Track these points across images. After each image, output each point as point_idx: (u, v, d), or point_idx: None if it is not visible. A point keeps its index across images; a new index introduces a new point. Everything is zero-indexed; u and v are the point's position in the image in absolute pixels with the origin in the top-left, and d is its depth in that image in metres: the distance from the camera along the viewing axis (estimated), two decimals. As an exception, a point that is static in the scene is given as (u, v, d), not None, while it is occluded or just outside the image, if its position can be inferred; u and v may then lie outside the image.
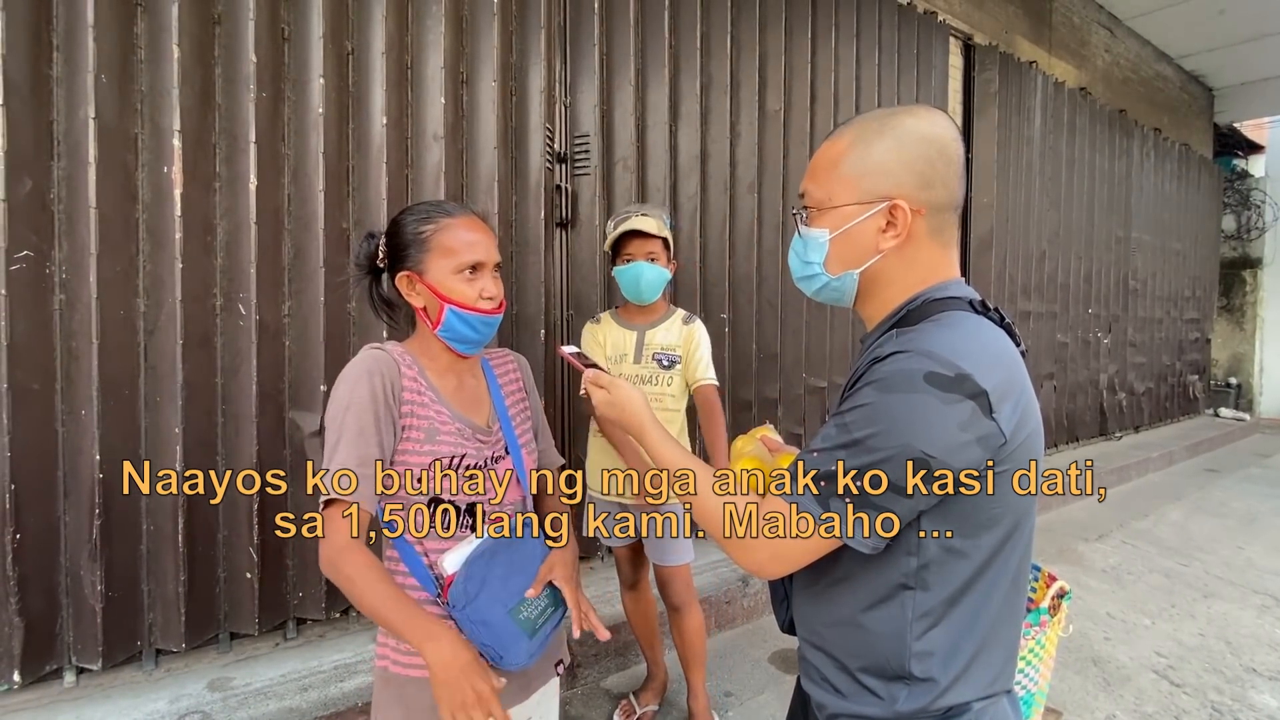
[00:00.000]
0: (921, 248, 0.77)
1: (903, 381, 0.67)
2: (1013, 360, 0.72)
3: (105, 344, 1.79)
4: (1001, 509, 0.71)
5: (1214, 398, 8.22)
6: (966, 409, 0.65)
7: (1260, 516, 4.40)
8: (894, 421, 0.67)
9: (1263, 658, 2.55)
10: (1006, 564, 0.73)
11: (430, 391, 1.02)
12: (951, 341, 0.69)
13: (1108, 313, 6.16)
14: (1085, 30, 5.96)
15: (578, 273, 2.73)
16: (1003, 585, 0.74)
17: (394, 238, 1.04)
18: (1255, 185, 8.53)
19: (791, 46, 3.41)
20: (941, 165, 0.75)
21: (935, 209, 0.76)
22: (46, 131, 1.74)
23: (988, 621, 0.73)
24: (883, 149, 0.76)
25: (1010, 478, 0.70)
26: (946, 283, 0.78)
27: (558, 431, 2.68)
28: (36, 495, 1.75)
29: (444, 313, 1.01)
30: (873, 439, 0.67)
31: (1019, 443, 0.69)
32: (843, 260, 0.79)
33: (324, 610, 2.14)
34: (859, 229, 0.77)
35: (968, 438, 0.66)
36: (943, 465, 0.65)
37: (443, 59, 2.30)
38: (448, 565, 0.96)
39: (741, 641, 2.55)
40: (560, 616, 1.06)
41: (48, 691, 1.81)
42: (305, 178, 2.08)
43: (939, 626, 0.72)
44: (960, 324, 0.72)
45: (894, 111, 0.78)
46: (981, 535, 0.71)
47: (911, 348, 0.69)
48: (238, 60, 1.96)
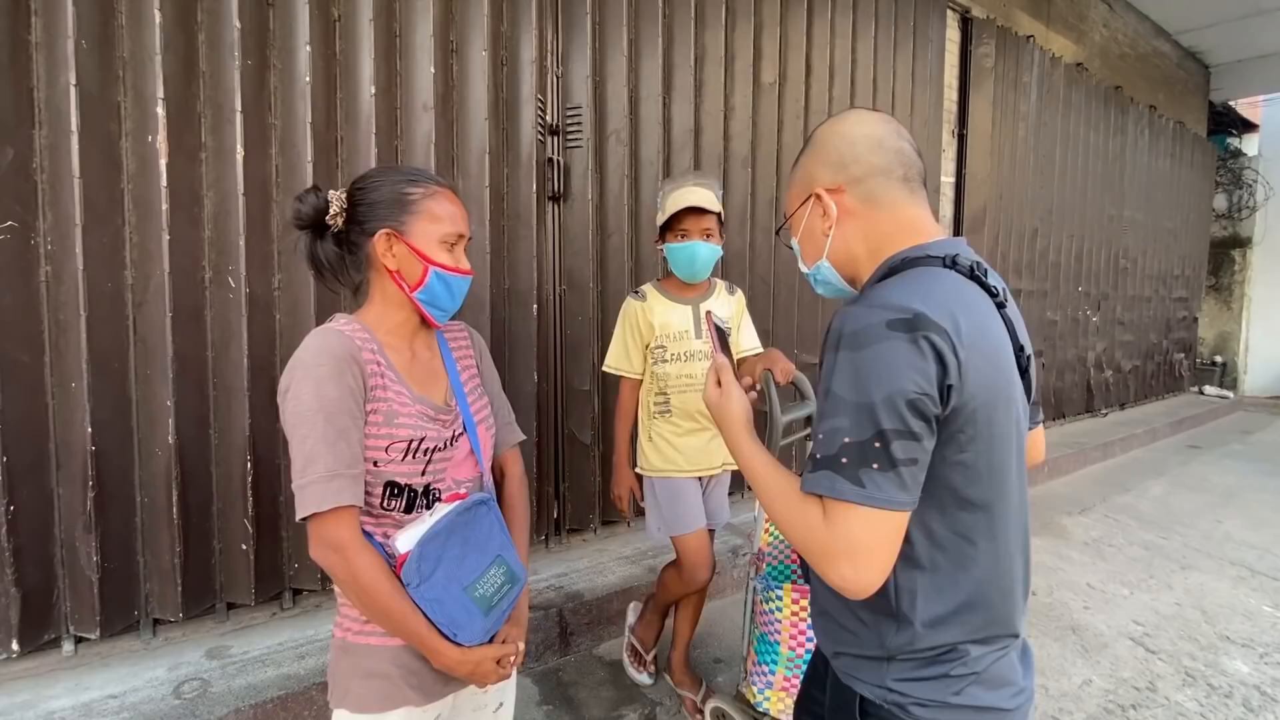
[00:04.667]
0: (864, 217, 0.86)
1: (867, 334, 0.72)
2: (973, 307, 0.77)
3: (93, 316, 1.78)
4: (988, 455, 0.75)
5: (1199, 375, 8.33)
6: (932, 340, 0.71)
7: (1239, 492, 4.50)
8: (874, 373, 0.71)
9: (1236, 626, 2.64)
10: (996, 511, 0.78)
11: (390, 372, 0.99)
12: (905, 289, 0.76)
13: (1097, 291, 6.20)
14: (1084, 4, 5.89)
15: (570, 247, 2.72)
16: (997, 538, 0.78)
17: (367, 194, 1.00)
18: (1248, 164, 8.54)
19: (787, 18, 3.36)
20: (855, 147, 0.86)
21: (855, 180, 0.86)
22: (27, 99, 1.70)
23: (974, 573, 0.78)
24: (805, 159, 0.91)
25: (985, 419, 0.74)
26: (926, 243, 0.83)
27: (551, 406, 2.69)
28: (29, 468, 1.75)
29: (428, 275, 1.00)
30: (863, 399, 0.71)
31: (987, 379, 0.74)
32: (811, 255, 0.92)
33: (320, 581, 2.17)
34: (807, 226, 0.91)
35: (932, 366, 0.71)
36: (927, 399, 0.70)
37: (432, 27, 2.25)
38: (400, 545, 0.94)
39: (731, 610, 2.60)
40: (517, 592, 1.06)
41: (46, 660, 1.83)
42: (293, 148, 2.05)
43: (922, 570, 0.78)
44: (920, 277, 0.78)
45: (818, 127, 0.93)
46: (949, 489, 0.76)
47: (870, 302, 0.75)
48: (221, 26, 1.92)
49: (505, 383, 1.32)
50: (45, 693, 1.73)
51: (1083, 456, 4.93)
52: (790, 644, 1.54)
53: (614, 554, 2.73)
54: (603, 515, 2.88)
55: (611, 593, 2.41)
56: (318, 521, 0.90)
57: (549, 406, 2.68)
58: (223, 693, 1.75)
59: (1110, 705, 2.11)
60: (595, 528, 2.88)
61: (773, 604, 1.56)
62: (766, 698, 1.57)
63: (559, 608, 2.30)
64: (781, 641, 1.56)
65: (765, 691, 1.58)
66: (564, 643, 2.31)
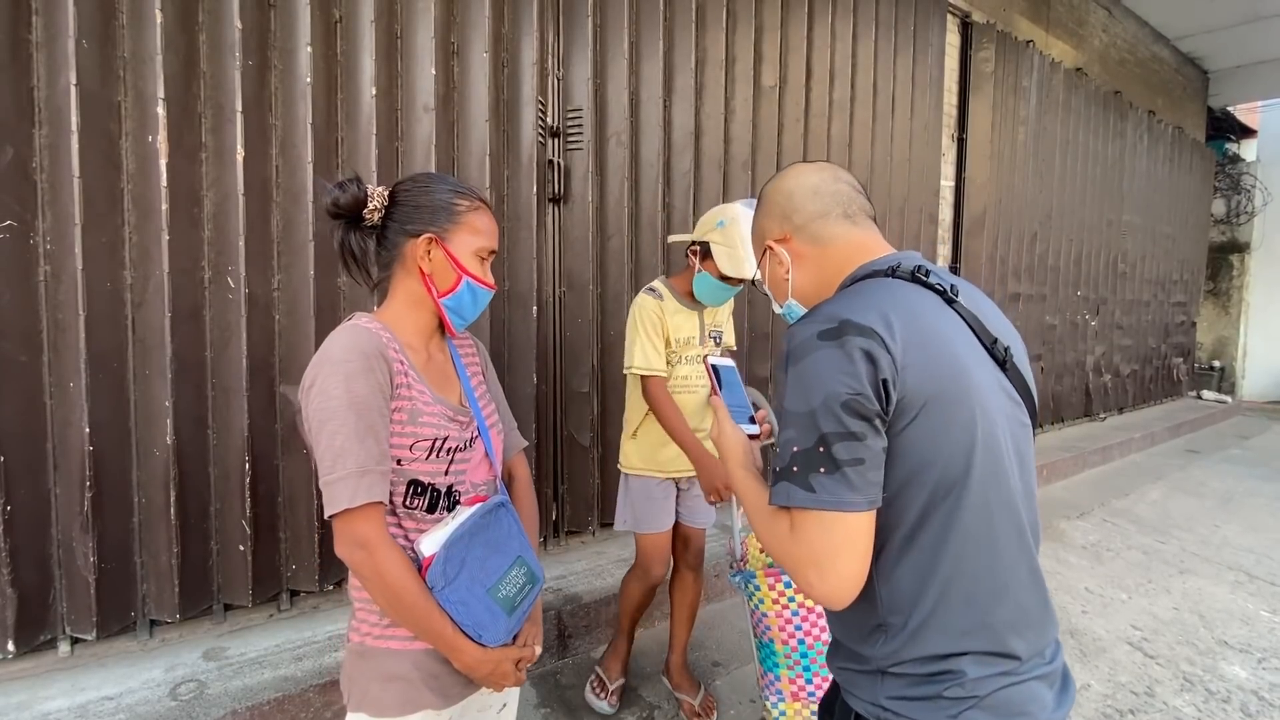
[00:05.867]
0: (814, 256, 0.94)
1: (802, 348, 0.78)
2: (911, 307, 0.79)
3: (92, 316, 1.78)
4: (934, 444, 0.75)
5: (1197, 380, 8.34)
6: (852, 344, 0.74)
7: (1237, 496, 4.51)
8: (810, 382, 0.75)
9: (1234, 631, 2.64)
10: (961, 509, 0.76)
11: (413, 371, 1.00)
12: (837, 302, 0.81)
13: (1096, 295, 6.21)
14: (1084, 9, 5.91)
15: (570, 249, 2.72)
16: (970, 532, 0.76)
17: (415, 197, 1.02)
18: (1246, 169, 8.56)
19: (788, 21, 3.37)
20: (794, 199, 0.95)
21: (798, 228, 0.95)
22: (28, 98, 1.70)
23: (947, 568, 0.76)
24: (757, 218, 1.02)
25: (937, 412, 0.75)
26: (869, 263, 0.89)
27: (550, 408, 2.69)
28: (26, 467, 1.74)
29: (460, 284, 1.02)
30: (805, 408, 0.75)
31: (932, 374, 0.75)
32: (779, 295, 1.01)
33: (318, 582, 2.16)
34: (770, 274, 1.00)
35: (862, 367, 0.73)
36: (863, 398, 0.73)
37: (433, 28, 2.26)
38: (425, 548, 0.95)
39: (729, 613, 2.60)
40: (536, 592, 1.08)
41: (42, 661, 1.82)
42: (293, 149, 2.05)
43: (896, 569, 0.78)
44: (857, 290, 0.84)
45: (763, 186, 1.03)
46: (923, 478, 0.76)
47: (807, 318, 0.81)
48: (223, 26, 1.92)
49: (505, 384, 1.33)
50: (41, 694, 1.72)
51: (1081, 460, 4.94)
52: (781, 637, 1.55)
53: (612, 556, 2.72)
54: (601, 517, 2.87)
55: (610, 595, 2.41)
56: (346, 518, 0.90)
57: (548, 408, 2.68)
58: (219, 694, 1.74)
59: (1108, 710, 2.11)
60: (594, 530, 2.88)
61: (755, 598, 1.57)
62: (783, 712, 1.57)
63: (557, 610, 2.29)
64: (775, 638, 1.56)
65: (780, 705, 1.58)
66: (562, 645, 2.31)
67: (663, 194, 2.93)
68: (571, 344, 2.73)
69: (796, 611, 1.53)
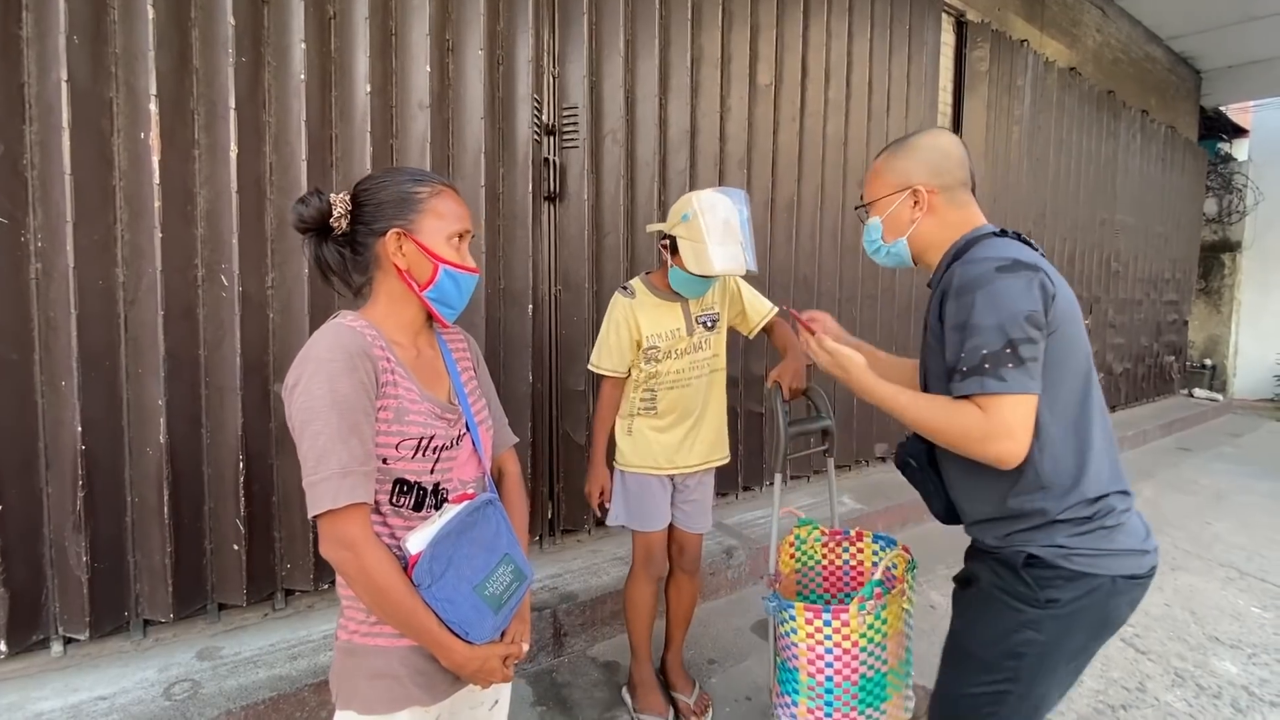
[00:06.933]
0: (946, 212, 1.20)
1: (984, 277, 1.05)
2: (1037, 255, 1.12)
3: (84, 314, 1.77)
4: (1069, 351, 1.07)
5: (1189, 378, 8.38)
6: (1027, 276, 1.04)
7: (1228, 494, 4.54)
8: (999, 301, 1.02)
9: (1225, 627, 2.66)
10: (1089, 396, 1.10)
11: (400, 369, 0.99)
12: (997, 248, 1.10)
13: (1089, 294, 6.23)
14: (1078, 9, 5.93)
15: (566, 247, 2.72)
16: (1093, 412, 1.09)
17: (374, 195, 1.00)
18: (1238, 169, 8.61)
19: (784, 20, 3.37)
20: (948, 160, 1.19)
21: (945, 186, 1.19)
22: (18, 94, 1.69)
23: (1084, 435, 1.08)
24: (901, 158, 1.22)
25: (1067, 327, 1.07)
26: (979, 227, 1.19)
27: (546, 406, 2.69)
28: (18, 467, 1.73)
29: (438, 273, 1.00)
30: (993, 321, 1.02)
31: (1065, 303, 1.07)
32: (893, 233, 1.24)
33: (312, 582, 2.16)
34: (896, 211, 1.22)
35: (1037, 293, 1.04)
36: (1039, 313, 1.03)
37: (428, 25, 2.25)
38: (411, 546, 0.94)
39: (725, 611, 2.61)
40: (524, 590, 1.07)
41: (35, 661, 1.81)
42: (287, 146, 2.04)
43: (1052, 440, 1.06)
44: (995, 242, 1.14)
45: (910, 135, 1.25)
46: (1066, 375, 1.07)
47: (977, 258, 1.09)
48: (215, 22, 1.91)
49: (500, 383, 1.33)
50: (33, 694, 1.71)
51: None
52: (809, 669, 1.52)
53: (608, 554, 2.72)
54: (596, 515, 2.87)
55: (605, 593, 2.41)
56: (330, 519, 0.89)
57: (544, 406, 2.67)
58: (214, 694, 1.73)
59: (1100, 705, 2.13)
60: (589, 528, 2.88)
61: (787, 625, 1.55)
62: None
63: (553, 608, 2.30)
64: (800, 668, 1.54)
65: None
66: (558, 643, 2.31)
67: (658, 192, 2.93)
68: (567, 342, 2.73)
69: (830, 650, 1.49)
